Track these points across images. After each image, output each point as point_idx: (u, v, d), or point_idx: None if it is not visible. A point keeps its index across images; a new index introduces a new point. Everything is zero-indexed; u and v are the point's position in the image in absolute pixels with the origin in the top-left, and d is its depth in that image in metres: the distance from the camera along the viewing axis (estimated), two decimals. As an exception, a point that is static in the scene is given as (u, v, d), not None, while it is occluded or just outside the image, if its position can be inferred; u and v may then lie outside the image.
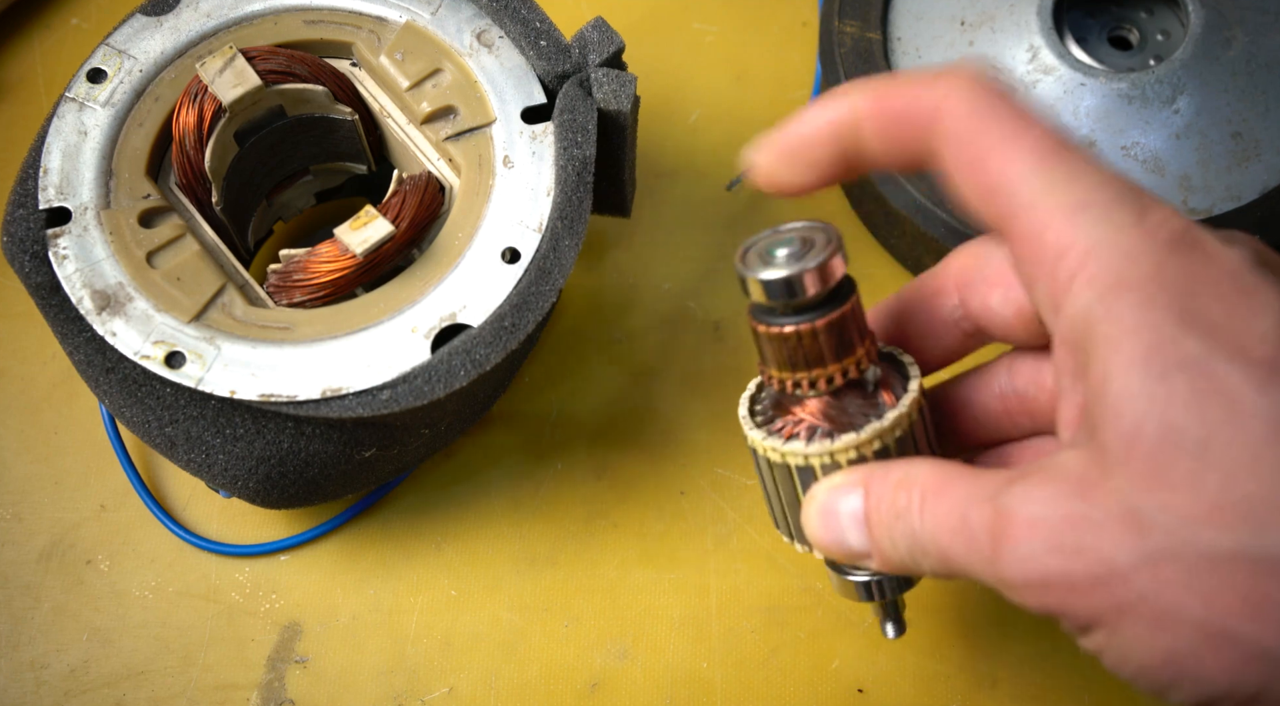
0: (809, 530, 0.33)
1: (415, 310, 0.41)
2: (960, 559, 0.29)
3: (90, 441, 0.49)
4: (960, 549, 0.29)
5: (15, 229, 0.41)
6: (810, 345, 0.32)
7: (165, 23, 0.45)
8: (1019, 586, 0.28)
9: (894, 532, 0.31)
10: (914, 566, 0.31)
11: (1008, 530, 0.28)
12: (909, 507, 0.30)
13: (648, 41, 0.57)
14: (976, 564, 0.29)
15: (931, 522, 0.30)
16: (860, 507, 0.32)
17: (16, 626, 0.46)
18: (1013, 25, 0.48)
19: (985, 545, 0.28)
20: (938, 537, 0.29)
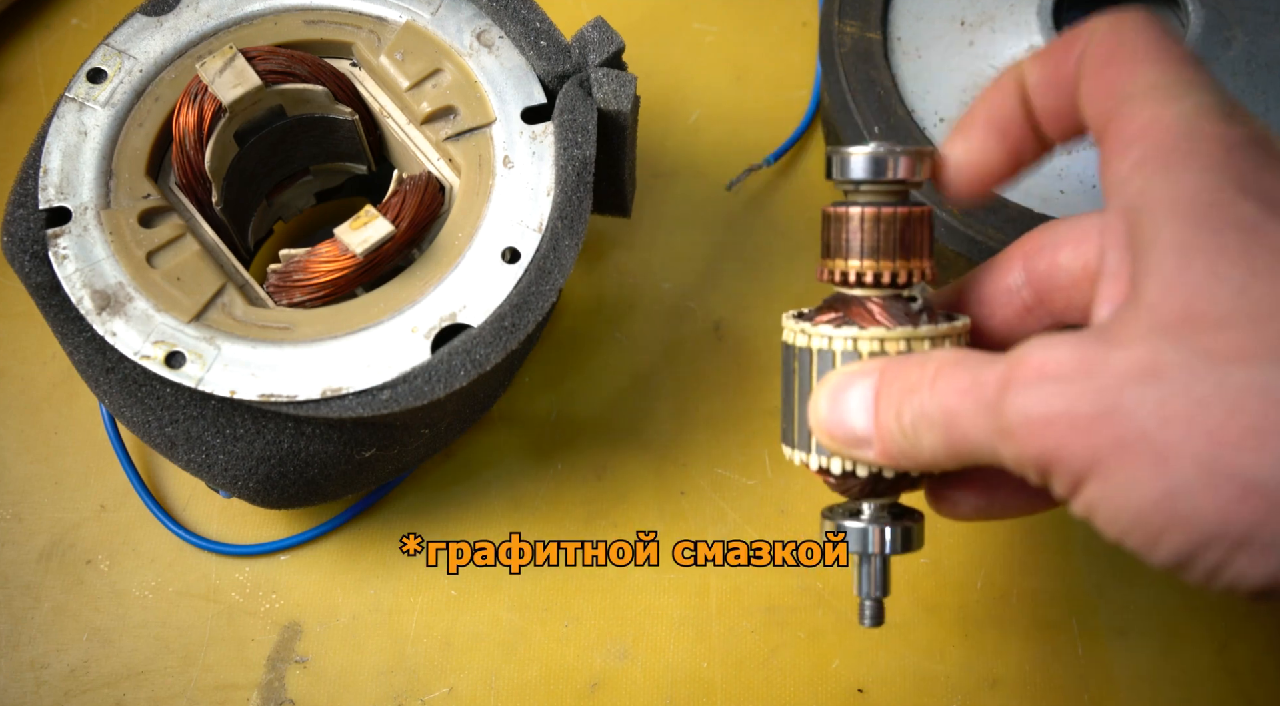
0: (815, 412, 0.33)
1: (415, 310, 0.41)
2: (966, 419, 0.29)
3: (90, 441, 0.49)
4: (968, 406, 0.29)
5: (15, 229, 0.41)
6: (883, 231, 0.34)
7: (165, 23, 0.45)
8: (1019, 428, 0.27)
9: (901, 408, 0.30)
10: (914, 447, 0.31)
11: (1017, 373, 0.28)
12: (920, 381, 0.30)
13: (648, 41, 0.57)
14: (981, 420, 0.28)
15: (942, 388, 0.29)
16: (870, 392, 0.32)
17: (16, 626, 0.46)
18: (1013, 25, 0.48)
19: (992, 393, 0.28)
20: (946, 401, 0.29)
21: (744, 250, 0.53)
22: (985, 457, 0.29)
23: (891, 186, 0.34)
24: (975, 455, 0.29)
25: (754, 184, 0.54)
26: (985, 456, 0.29)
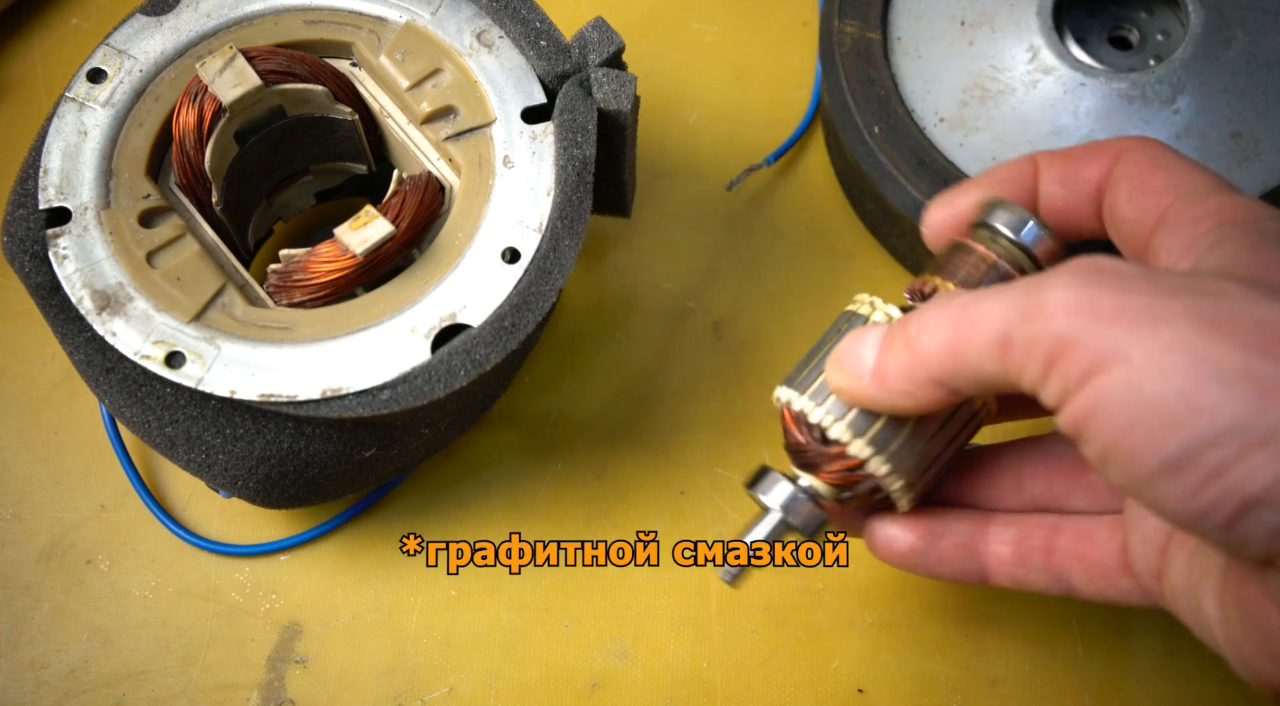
0: (834, 353, 0.33)
1: (415, 310, 0.41)
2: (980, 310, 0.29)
3: (90, 441, 0.49)
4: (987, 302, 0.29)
5: (15, 229, 0.41)
6: (987, 279, 0.35)
7: (165, 23, 0.45)
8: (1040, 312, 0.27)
9: (909, 327, 0.31)
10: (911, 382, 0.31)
11: (1048, 275, 0.28)
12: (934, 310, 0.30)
13: (648, 41, 0.57)
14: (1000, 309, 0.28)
15: (957, 304, 0.30)
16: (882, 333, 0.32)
17: (16, 626, 0.46)
18: (1013, 25, 0.48)
19: (1022, 290, 0.28)
20: (958, 304, 0.30)
21: (744, 250, 0.53)
22: (986, 362, 0.29)
23: (1022, 250, 0.35)
24: (977, 357, 0.29)
25: (754, 184, 0.54)
26: (987, 358, 0.29)
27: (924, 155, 0.47)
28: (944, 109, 0.48)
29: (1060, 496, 0.37)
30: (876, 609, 0.46)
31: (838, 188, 0.54)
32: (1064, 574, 0.36)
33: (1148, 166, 0.34)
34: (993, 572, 0.37)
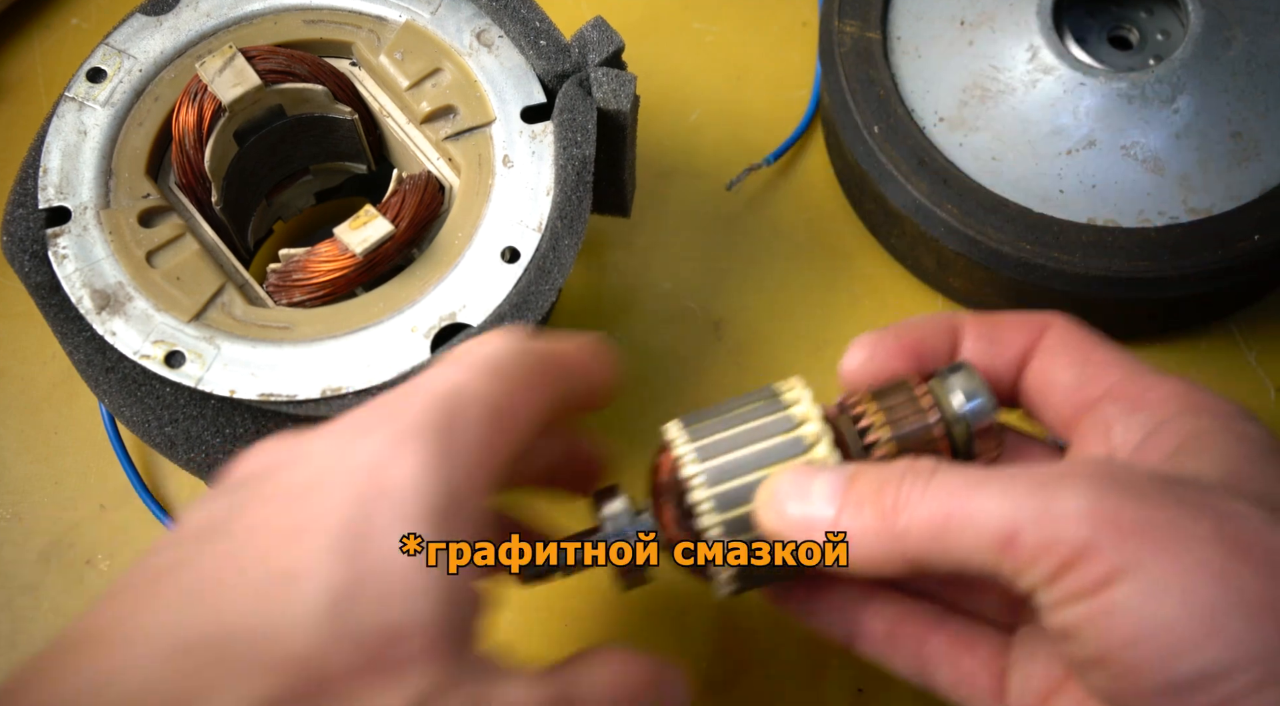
0: (773, 491, 0.32)
1: (415, 310, 0.41)
2: (974, 504, 0.28)
3: (90, 441, 0.49)
4: (984, 495, 0.28)
5: (15, 228, 0.41)
6: (912, 439, 0.33)
7: (165, 22, 0.45)
8: (1055, 517, 0.27)
9: (897, 513, 0.29)
10: (879, 554, 0.30)
11: (1063, 469, 0.28)
12: (914, 485, 0.29)
13: (648, 41, 0.57)
14: (997, 504, 0.28)
15: (941, 482, 0.29)
16: (841, 479, 0.31)
17: (16, 626, 0.46)
18: (1012, 25, 0.48)
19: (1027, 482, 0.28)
20: (944, 489, 0.29)
21: (744, 250, 0.53)
22: (978, 554, 0.28)
23: (964, 424, 0.34)
24: (968, 548, 0.28)
25: (754, 184, 0.54)
26: (982, 552, 0.28)
27: (924, 155, 0.47)
28: (944, 109, 0.48)
29: (954, 592, 0.36)
30: (876, 609, 0.46)
31: (838, 188, 0.54)
32: (931, 670, 0.35)
33: (1084, 340, 0.34)
34: (861, 641, 0.36)
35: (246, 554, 0.27)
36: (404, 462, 0.28)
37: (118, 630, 0.27)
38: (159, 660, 0.25)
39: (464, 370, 0.31)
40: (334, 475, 0.28)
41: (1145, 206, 0.46)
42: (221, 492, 0.30)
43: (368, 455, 0.28)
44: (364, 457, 0.28)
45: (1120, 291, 0.45)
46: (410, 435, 0.29)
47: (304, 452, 0.30)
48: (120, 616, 0.27)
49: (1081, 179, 0.46)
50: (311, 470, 0.29)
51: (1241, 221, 0.45)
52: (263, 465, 0.30)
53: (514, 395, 0.31)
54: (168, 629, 0.26)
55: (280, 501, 0.28)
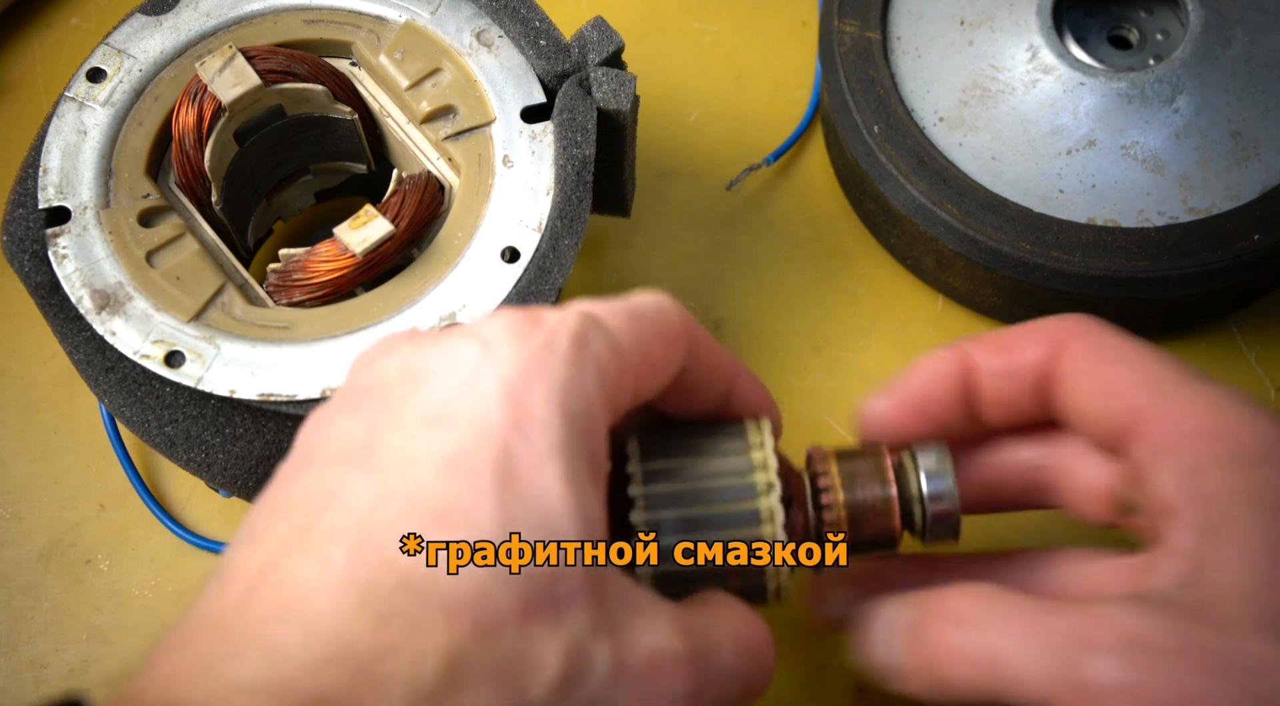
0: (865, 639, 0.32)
1: (415, 309, 0.41)
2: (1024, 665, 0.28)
3: (90, 441, 0.49)
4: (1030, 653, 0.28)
5: (15, 228, 0.41)
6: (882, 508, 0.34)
7: (165, 22, 0.45)
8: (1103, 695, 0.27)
9: (940, 673, 0.29)
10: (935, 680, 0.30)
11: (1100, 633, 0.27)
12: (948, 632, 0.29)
13: (648, 41, 0.57)
14: (1046, 671, 0.28)
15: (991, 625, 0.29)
16: (902, 628, 0.31)
17: (16, 626, 0.46)
18: (1012, 24, 0.48)
19: (1066, 645, 0.28)
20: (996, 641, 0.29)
21: (744, 250, 0.53)
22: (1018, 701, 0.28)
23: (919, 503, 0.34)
24: (1014, 701, 0.28)
25: (754, 184, 0.54)
26: (1022, 701, 0.28)
27: (923, 154, 0.47)
28: (943, 108, 0.48)
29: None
30: (876, 608, 0.46)
31: (837, 187, 0.54)
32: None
33: (1100, 358, 0.33)
34: None
35: (401, 488, 0.26)
36: (538, 391, 0.27)
37: (293, 571, 0.26)
38: (347, 613, 0.25)
39: (601, 307, 0.30)
40: (472, 400, 0.27)
41: (1145, 206, 0.46)
42: (349, 407, 0.29)
43: (501, 379, 0.27)
44: (497, 382, 0.27)
45: (1120, 291, 0.45)
46: (540, 357, 0.28)
47: (429, 367, 0.28)
48: (289, 549, 0.26)
49: (1081, 179, 0.46)
50: (445, 391, 0.28)
51: (1241, 221, 0.45)
52: (383, 377, 0.29)
53: (648, 344, 0.30)
54: (345, 575, 0.25)
55: (420, 427, 0.27)
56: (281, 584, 0.25)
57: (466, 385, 0.27)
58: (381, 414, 0.28)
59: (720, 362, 0.33)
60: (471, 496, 0.26)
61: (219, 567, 0.27)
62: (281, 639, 0.24)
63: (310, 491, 0.27)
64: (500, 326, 0.29)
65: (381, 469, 0.27)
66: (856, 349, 0.51)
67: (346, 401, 0.29)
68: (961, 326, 0.51)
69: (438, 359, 0.28)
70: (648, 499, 0.32)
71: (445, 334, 0.29)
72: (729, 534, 0.32)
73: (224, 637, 0.25)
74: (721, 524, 0.32)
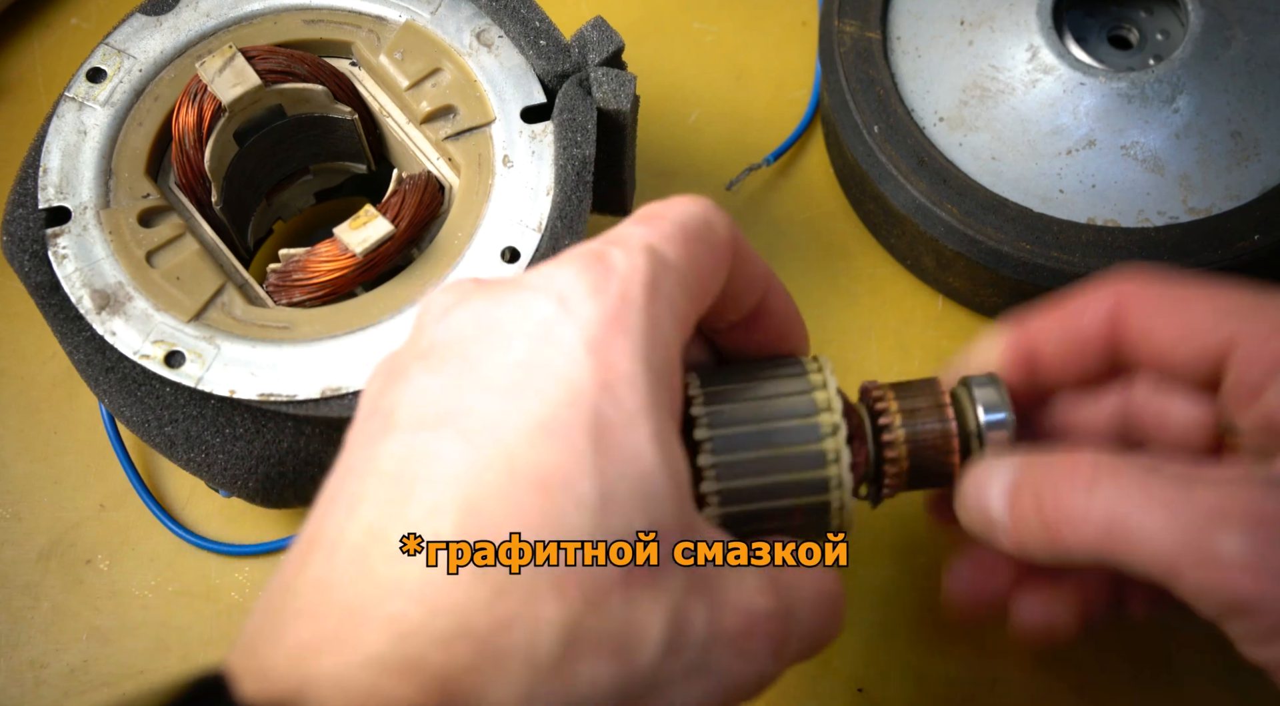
0: (965, 494, 0.32)
1: (415, 309, 0.41)
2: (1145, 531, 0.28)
3: (90, 441, 0.49)
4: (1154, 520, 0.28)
5: (15, 228, 0.41)
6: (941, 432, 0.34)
7: (165, 22, 0.45)
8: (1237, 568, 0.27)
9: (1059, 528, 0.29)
10: (1042, 553, 0.30)
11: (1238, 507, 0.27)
12: (1074, 492, 0.29)
13: (648, 41, 0.57)
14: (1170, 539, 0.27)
15: (1110, 489, 0.29)
16: (1010, 481, 0.31)
17: (16, 626, 0.46)
18: (1012, 24, 0.48)
19: (1199, 517, 0.27)
20: (1115, 505, 0.28)
21: (744, 250, 0.53)
22: (1140, 567, 0.28)
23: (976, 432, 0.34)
24: (1130, 563, 0.28)
25: (754, 184, 0.54)
26: (1144, 567, 0.28)
27: (923, 154, 0.47)
28: (943, 108, 0.48)
29: None
30: (876, 609, 0.46)
31: (837, 187, 0.54)
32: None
33: (1171, 301, 0.32)
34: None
35: (497, 456, 0.26)
36: (621, 347, 0.27)
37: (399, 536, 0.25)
38: (464, 588, 0.25)
39: (658, 234, 0.29)
40: (557, 360, 0.27)
41: (1145, 206, 0.46)
42: (427, 365, 0.28)
43: (584, 337, 0.27)
44: (580, 340, 0.27)
45: (1120, 291, 0.45)
46: (620, 311, 0.27)
47: (507, 323, 0.28)
48: (393, 518, 0.26)
49: (1081, 179, 0.46)
50: (527, 350, 0.27)
51: (1241, 221, 0.45)
52: (461, 332, 0.28)
53: (703, 265, 0.30)
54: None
55: (507, 389, 0.26)
56: (394, 557, 0.25)
57: (549, 344, 0.27)
58: (465, 374, 0.27)
59: (756, 272, 0.33)
60: (569, 462, 0.25)
61: (309, 535, 0.27)
62: (405, 614, 0.24)
63: (401, 457, 0.26)
64: (573, 278, 0.28)
65: (473, 434, 0.26)
66: (856, 349, 0.51)
67: (424, 357, 0.28)
68: (961, 326, 0.51)
69: (515, 314, 0.28)
70: (714, 441, 0.32)
71: (516, 285, 0.28)
72: (795, 476, 0.32)
73: (345, 611, 0.25)
74: (787, 466, 0.32)
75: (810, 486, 0.32)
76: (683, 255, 0.29)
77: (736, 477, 0.32)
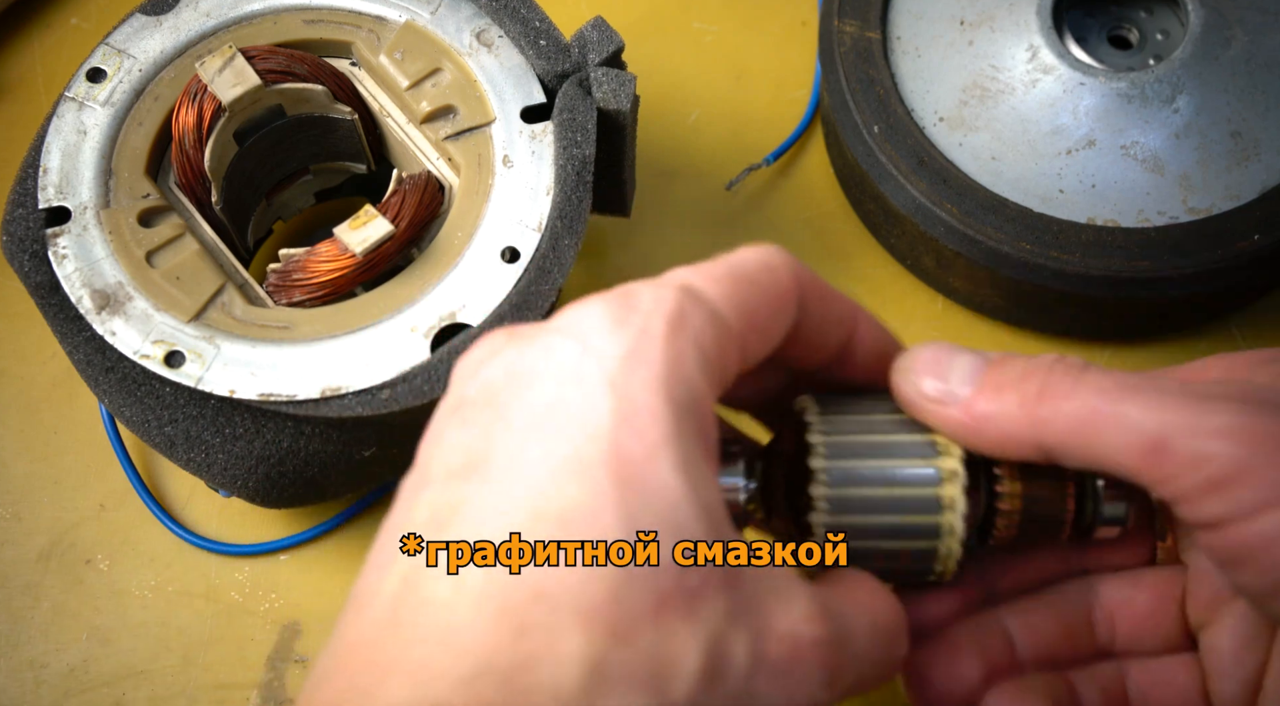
0: (913, 358, 0.31)
1: (415, 309, 0.41)
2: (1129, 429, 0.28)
3: (90, 441, 0.49)
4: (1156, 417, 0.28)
5: (15, 228, 0.41)
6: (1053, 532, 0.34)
7: (165, 22, 0.45)
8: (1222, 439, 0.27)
9: (1039, 402, 0.29)
10: (1010, 438, 0.29)
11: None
12: (1064, 377, 0.29)
13: (648, 41, 0.57)
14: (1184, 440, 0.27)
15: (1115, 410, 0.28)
16: (981, 362, 0.31)
17: (16, 626, 0.46)
18: (1012, 24, 0.48)
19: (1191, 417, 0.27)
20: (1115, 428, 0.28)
21: (744, 250, 0.53)
22: (1122, 456, 0.28)
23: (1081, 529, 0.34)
24: (1111, 449, 0.28)
25: (754, 184, 0.54)
26: (1126, 454, 0.28)
27: (923, 154, 0.47)
28: (943, 108, 0.48)
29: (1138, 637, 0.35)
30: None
31: (837, 187, 0.54)
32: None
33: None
34: None
35: (521, 496, 0.26)
36: (640, 380, 0.27)
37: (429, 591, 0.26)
38: (486, 628, 0.25)
39: (701, 273, 0.29)
40: (578, 398, 0.27)
41: (1145, 206, 0.46)
42: (460, 419, 0.28)
43: (604, 373, 0.27)
44: (600, 377, 0.27)
45: (1120, 291, 0.45)
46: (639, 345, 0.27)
47: (533, 369, 0.28)
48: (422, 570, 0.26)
49: (1081, 179, 0.46)
50: (550, 392, 0.27)
51: (1241, 221, 0.45)
52: (490, 384, 0.28)
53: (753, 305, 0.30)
54: (480, 590, 0.25)
55: (530, 430, 0.27)
56: (419, 605, 0.25)
57: (570, 383, 0.27)
58: (494, 422, 0.27)
59: (838, 311, 0.32)
60: (592, 498, 0.26)
61: (354, 594, 0.27)
62: (428, 659, 0.24)
63: (433, 509, 0.27)
64: (596, 317, 0.28)
65: (498, 477, 0.26)
66: (856, 349, 0.51)
67: (456, 413, 0.29)
68: (961, 326, 0.51)
69: (540, 359, 0.28)
70: (830, 473, 0.32)
71: (543, 331, 0.29)
72: (907, 519, 0.32)
73: (372, 664, 0.25)
74: (901, 507, 0.32)
75: (921, 531, 0.32)
76: (723, 293, 0.29)
77: (848, 513, 0.32)
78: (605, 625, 0.25)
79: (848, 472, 0.32)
